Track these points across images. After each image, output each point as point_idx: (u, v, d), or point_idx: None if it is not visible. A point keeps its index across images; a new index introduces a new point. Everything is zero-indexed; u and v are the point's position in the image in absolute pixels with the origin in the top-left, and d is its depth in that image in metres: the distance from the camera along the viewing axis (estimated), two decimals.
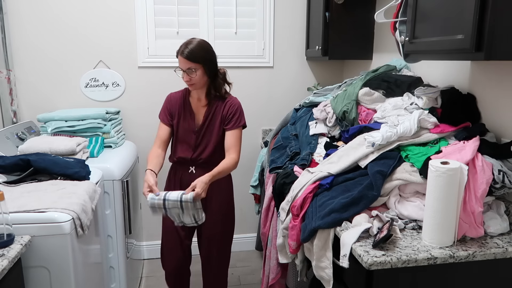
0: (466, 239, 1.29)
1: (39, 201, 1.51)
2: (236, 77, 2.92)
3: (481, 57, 1.16)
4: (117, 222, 2.13)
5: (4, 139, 2.11)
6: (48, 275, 1.45)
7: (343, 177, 1.52)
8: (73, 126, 2.37)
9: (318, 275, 1.41)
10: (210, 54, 1.89)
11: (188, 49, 1.82)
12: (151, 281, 2.75)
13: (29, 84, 2.67)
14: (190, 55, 1.82)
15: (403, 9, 1.59)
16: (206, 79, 1.91)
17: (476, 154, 1.34)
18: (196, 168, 2.02)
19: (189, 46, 1.83)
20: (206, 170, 1.89)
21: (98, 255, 1.90)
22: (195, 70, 1.84)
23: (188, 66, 1.84)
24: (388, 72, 2.02)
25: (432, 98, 1.65)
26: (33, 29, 2.61)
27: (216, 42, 2.82)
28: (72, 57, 2.69)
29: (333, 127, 2.03)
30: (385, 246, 1.23)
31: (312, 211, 1.44)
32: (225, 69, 2.02)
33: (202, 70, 1.87)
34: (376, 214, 1.35)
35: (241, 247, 3.14)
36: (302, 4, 2.89)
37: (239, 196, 3.06)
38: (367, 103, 1.85)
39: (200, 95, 2.00)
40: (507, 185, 1.31)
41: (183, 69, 1.86)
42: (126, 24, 2.72)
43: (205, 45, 1.89)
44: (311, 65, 3.01)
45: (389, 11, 1.71)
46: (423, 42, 1.41)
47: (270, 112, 3.02)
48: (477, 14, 1.14)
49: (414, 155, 1.45)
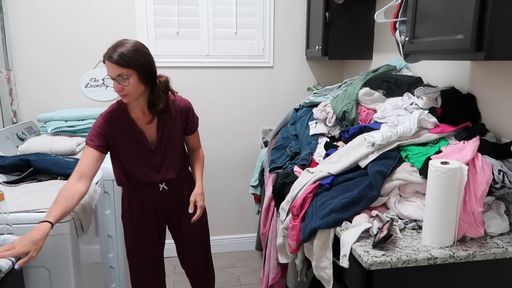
0: (466, 239, 1.29)
1: (39, 201, 1.51)
2: (236, 77, 2.94)
3: (481, 57, 1.16)
4: (117, 222, 2.13)
5: (4, 139, 2.11)
6: (48, 275, 1.45)
7: (343, 177, 1.52)
8: (73, 126, 2.37)
9: (318, 275, 1.41)
10: (145, 58, 1.57)
11: (117, 52, 1.50)
12: None
13: (29, 84, 2.67)
14: (120, 59, 1.49)
15: (403, 9, 1.59)
16: (142, 88, 1.59)
17: (476, 154, 1.34)
18: (166, 183, 1.78)
19: (118, 49, 1.51)
20: (177, 179, 1.79)
21: (98, 255, 1.90)
22: (127, 77, 1.52)
23: (118, 72, 1.51)
24: (388, 72, 2.03)
25: (432, 98, 1.65)
26: (33, 29, 2.61)
27: (216, 42, 2.82)
28: (72, 57, 2.69)
29: (333, 127, 2.03)
30: (385, 246, 1.23)
31: (312, 211, 1.44)
32: (167, 77, 1.72)
33: (136, 78, 1.54)
34: (376, 214, 1.35)
35: (241, 247, 3.14)
36: (302, 4, 2.89)
37: (239, 196, 3.08)
38: (367, 103, 1.85)
39: (142, 108, 1.66)
40: (507, 185, 1.31)
41: (112, 77, 1.53)
42: (126, 24, 2.72)
43: (139, 46, 1.57)
44: (311, 65, 3.01)
45: (389, 11, 1.71)
46: (423, 42, 1.41)
47: (270, 112, 3.02)
48: (477, 14, 1.14)
49: (414, 155, 1.45)
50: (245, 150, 3.03)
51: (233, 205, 3.10)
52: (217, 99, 2.94)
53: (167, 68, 2.76)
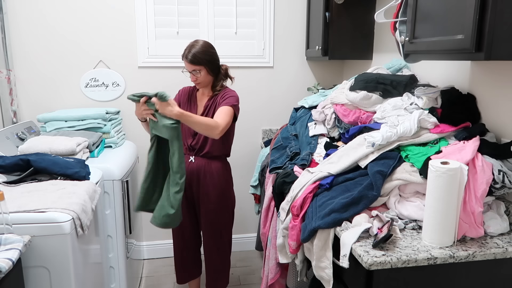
0: (466, 239, 1.29)
1: (39, 201, 1.51)
2: (236, 77, 2.93)
3: (481, 57, 1.16)
4: (117, 222, 2.13)
5: (4, 139, 2.10)
6: (48, 275, 1.45)
7: (343, 177, 1.52)
8: (73, 126, 2.37)
9: (318, 275, 1.41)
10: (211, 55, 2.04)
11: (191, 53, 1.99)
12: (151, 281, 2.75)
13: (29, 84, 2.67)
14: (194, 59, 1.99)
15: (403, 9, 1.59)
16: (210, 78, 2.09)
17: (476, 154, 1.34)
18: (195, 157, 2.14)
19: (192, 50, 1.99)
20: (205, 160, 2.11)
21: (98, 255, 1.90)
22: (199, 71, 2.02)
23: (193, 68, 2.02)
24: (382, 74, 2.00)
25: (432, 98, 1.65)
26: (33, 29, 2.61)
27: (216, 42, 2.82)
28: (72, 57, 2.69)
29: (332, 128, 2.03)
30: (385, 246, 1.23)
31: (312, 211, 1.44)
32: (227, 65, 2.17)
33: (206, 71, 2.04)
34: (376, 214, 1.35)
35: (241, 247, 3.14)
36: (302, 4, 2.89)
37: (239, 196, 3.07)
38: (367, 107, 1.82)
39: (204, 90, 2.17)
40: (507, 185, 1.31)
41: (189, 71, 2.05)
42: (126, 24, 2.72)
43: (207, 47, 2.04)
44: (311, 65, 3.01)
45: (389, 11, 1.71)
46: (423, 42, 1.41)
47: (270, 112, 3.02)
48: (477, 14, 1.14)
49: (414, 155, 1.45)
50: (245, 150, 3.03)
51: None
52: None
53: (167, 68, 2.77)
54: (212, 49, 2.06)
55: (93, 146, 2.23)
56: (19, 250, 1.26)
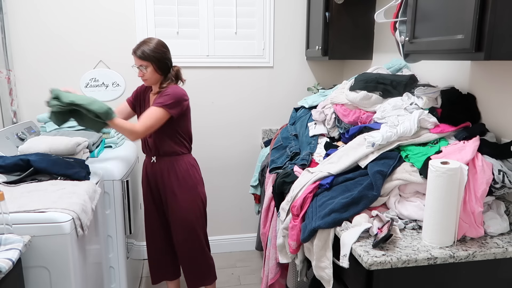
0: (466, 239, 1.29)
1: (39, 201, 1.51)
2: (236, 77, 2.94)
3: (481, 57, 1.16)
4: (117, 222, 2.13)
5: (4, 139, 2.10)
6: (48, 275, 1.45)
7: (343, 177, 1.52)
8: (73, 126, 2.37)
9: (318, 275, 1.41)
10: (161, 54, 2.03)
11: (140, 49, 2.01)
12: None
13: (29, 84, 2.67)
14: (142, 54, 2.00)
15: (403, 9, 1.59)
16: (158, 76, 2.07)
17: (476, 154, 1.34)
18: (156, 157, 2.16)
19: (141, 46, 2.02)
20: (165, 159, 2.13)
21: (98, 255, 1.90)
22: (146, 67, 2.02)
23: (140, 63, 2.03)
24: (382, 74, 2.00)
25: (432, 98, 1.65)
26: (33, 29, 2.61)
27: (216, 42, 2.82)
28: (72, 57, 2.69)
29: (332, 128, 2.03)
30: (385, 246, 1.23)
31: (312, 211, 1.44)
32: (179, 67, 2.15)
33: (152, 68, 2.03)
34: (376, 214, 1.35)
35: (241, 247, 3.14)
36: (302, 4, 2.89)
37: (239, 196, 3.08)
38: (367, 107, 1.83)
39: (155, 89, 2.16)
40: (507, 185, 1.31)
41: (136, 66, 2.05)
42: (126, 24, 2.72)
43: (158, 45, 2.04)
44: (311, 65, 3.01)
45: (389, 11, 1.71)
46: (423, 42, 1.41)
47: (270, 112, 3.02)
48: (477, 14, 1.14)
49: (414, 155, 1.45)
50: (245, 150, 3.03)
51: (233, 205, 3.10)
52: (217, 99, 2.94)
53: None
54: (163, 48, 2.05)
55: (93, 146, 2.22)
56: (19, 250, 1.26)
